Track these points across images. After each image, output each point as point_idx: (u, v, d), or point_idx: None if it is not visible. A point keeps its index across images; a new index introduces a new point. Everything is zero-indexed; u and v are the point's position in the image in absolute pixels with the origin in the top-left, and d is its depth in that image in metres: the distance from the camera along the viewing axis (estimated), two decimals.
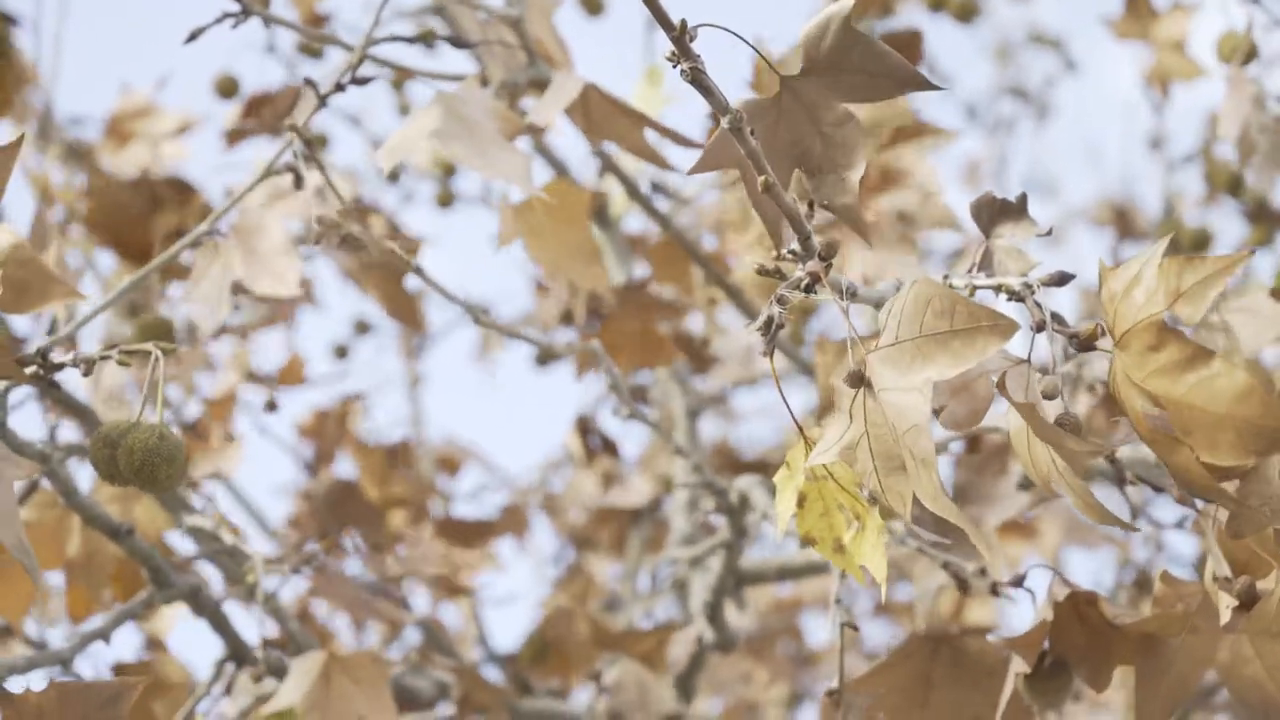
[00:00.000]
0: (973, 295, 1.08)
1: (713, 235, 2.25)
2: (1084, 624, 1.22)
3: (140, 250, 1.71)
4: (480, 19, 1.48)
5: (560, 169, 2.06)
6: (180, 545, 1.98)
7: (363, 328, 3.06)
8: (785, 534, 1.02)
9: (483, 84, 1.39)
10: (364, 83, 1.41)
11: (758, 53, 1.04)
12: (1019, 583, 1.38)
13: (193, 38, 1.41)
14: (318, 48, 1.57)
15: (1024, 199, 1.14)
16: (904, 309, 0.92)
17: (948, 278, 1.09)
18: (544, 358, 2.31)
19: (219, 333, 1.90)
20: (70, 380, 1.84)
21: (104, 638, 1.54)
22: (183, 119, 2.22)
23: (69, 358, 1.23)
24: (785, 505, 1.00)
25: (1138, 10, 2.24)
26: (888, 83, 1.02)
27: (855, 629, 1.34)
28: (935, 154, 1.59)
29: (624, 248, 2.34)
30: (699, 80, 0.97)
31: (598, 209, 2.26)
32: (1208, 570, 1.15)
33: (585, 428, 2.53)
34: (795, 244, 1.03)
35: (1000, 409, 1.02)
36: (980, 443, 1.82)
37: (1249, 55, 1.72)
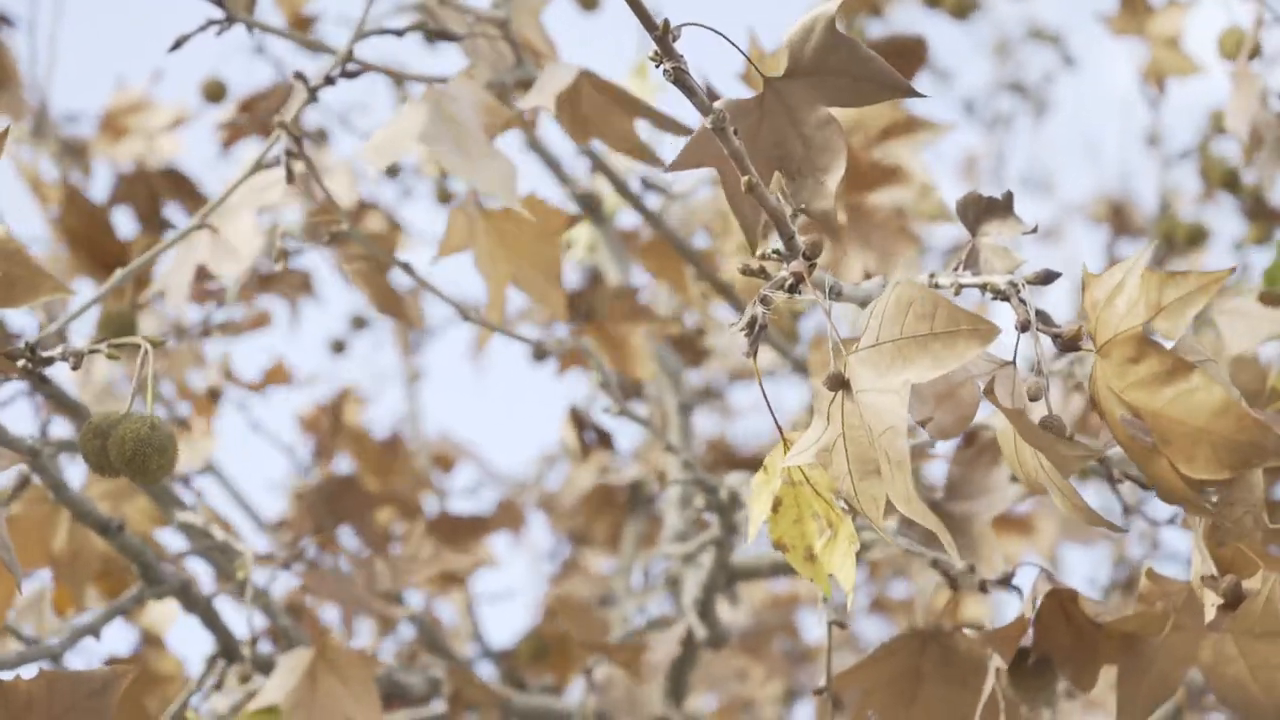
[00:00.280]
0: (958, 294, 1.07)
1: (706, 232, 2.25)
2: (1070, 622, 1.21)
3: (114, 259, 1.71)
4: (467, 21, 1.47)
5: (553, 165, 2.05)
6: (171, 541, 1.98)
7: (360, 323, 3.06)
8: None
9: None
10: (353, 76, 1.41)
11: (742, 54, 1.04)
12: (1007, 580, 1.38)
13: (177, 45, 1.41)
14: (312, 44, 1.57)
15: (1010, 197, 1.13)
16: (885, 310, 0.91)
17: (934, 276, 1.09)
18: (540, 353, 2.31)
19: (207, 330, 1.91)
20: (62, 376, 1.84)
21: (94, 633, 1.54)
22: (177, 113, 2.22)
23: (58, 352, 1.23)
24: (759, 509, 0.99)
25: (1133, 6, 2.23)
26: (872, 87, 1.02)
27: (844, 627, 1.33)
28: (932, 149, 1.58)
29: (619, 245, 2.34)
30: (681, 80, 0.97)
31: (592, 205, 2.25)
32: (1194, 568, 1.15)
33: (580, 421, 2.52)
34: (779, 243, 1.02)
35: (990, 407, 1.01)
36: (976, 437, 1.82)
37: (1254, 51, 1.71)
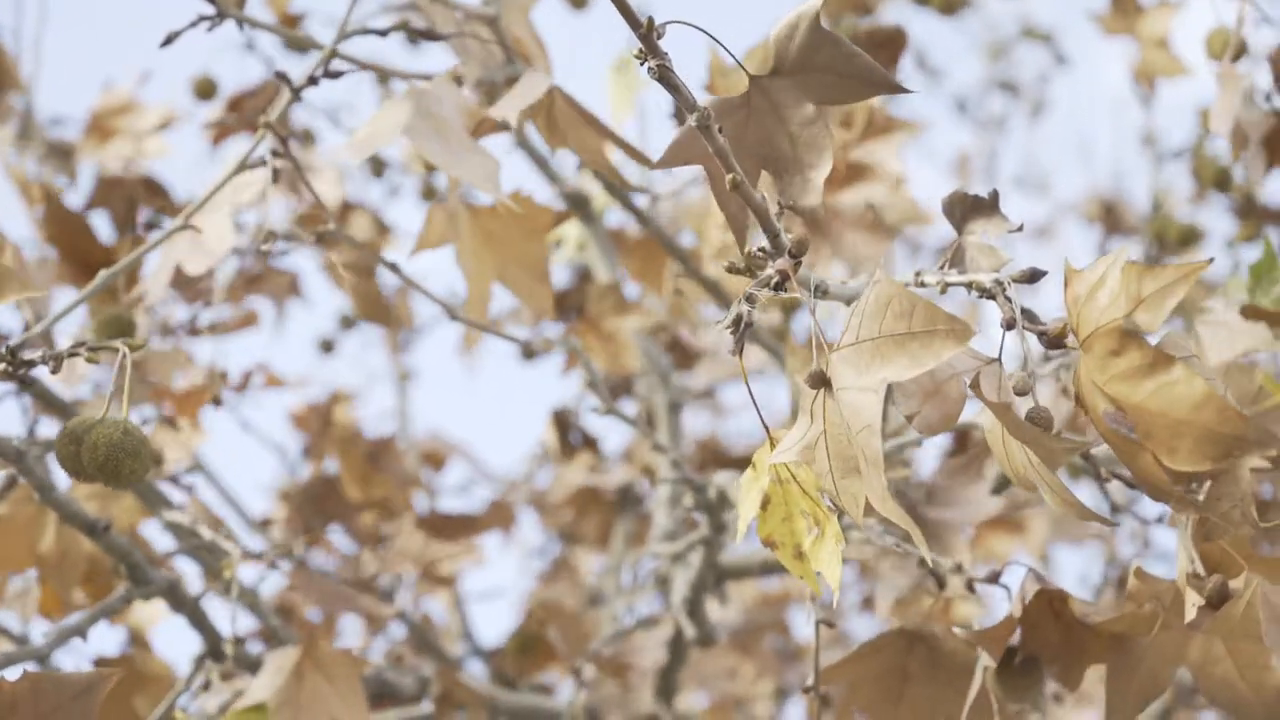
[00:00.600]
0: (944, 292, 1.07)
1: (693, 233, 2.24)
2: (1057, 621, 1.21)
3: (96, 263, 1.71)
4: (456, 18, 1.47)
5: (541, 163, 2.05)
6: (159, 540, 1.97)
7: (349, 322, 3.04)
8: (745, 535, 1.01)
9: (458, 82, 1.38)
10: (337, 76, 1.41)
11: (728, 52, 1.04)
12: (995, 579, 1.37)
13: (168, 41, 1.41)
14: (302, 41, 1.57)
15: (996, 195, 1.13)
16: (865, 308, 0.91)
17: (920, 274, 1.08)
18: (528, 352, 2.31)
19: (194, 330, 1.90)
20: (52, 376, 1.83)
21: (81, 634, 1.53)
22: (165, 114, 2.21)
23: (38, 355, 1.23)
24: (748, 507, 0.99)
25: (1124, 6, 2.23)
26: (857, 84, 1.02)
27: (831, 626, 1.33)
28: (925, 148, 1.57)
29: (608, 243, 2.34)
30: (666, 78, 0.97)
31: (581, 203, 2.25)
32: (1180, 567, 1.15)
33: (564, 423, 2.52)
34: (765, 241, 1.02)
35: (979, 404, 1.01)
36: (968, 439, 1.81)
37: (1239, 51, 1.71)
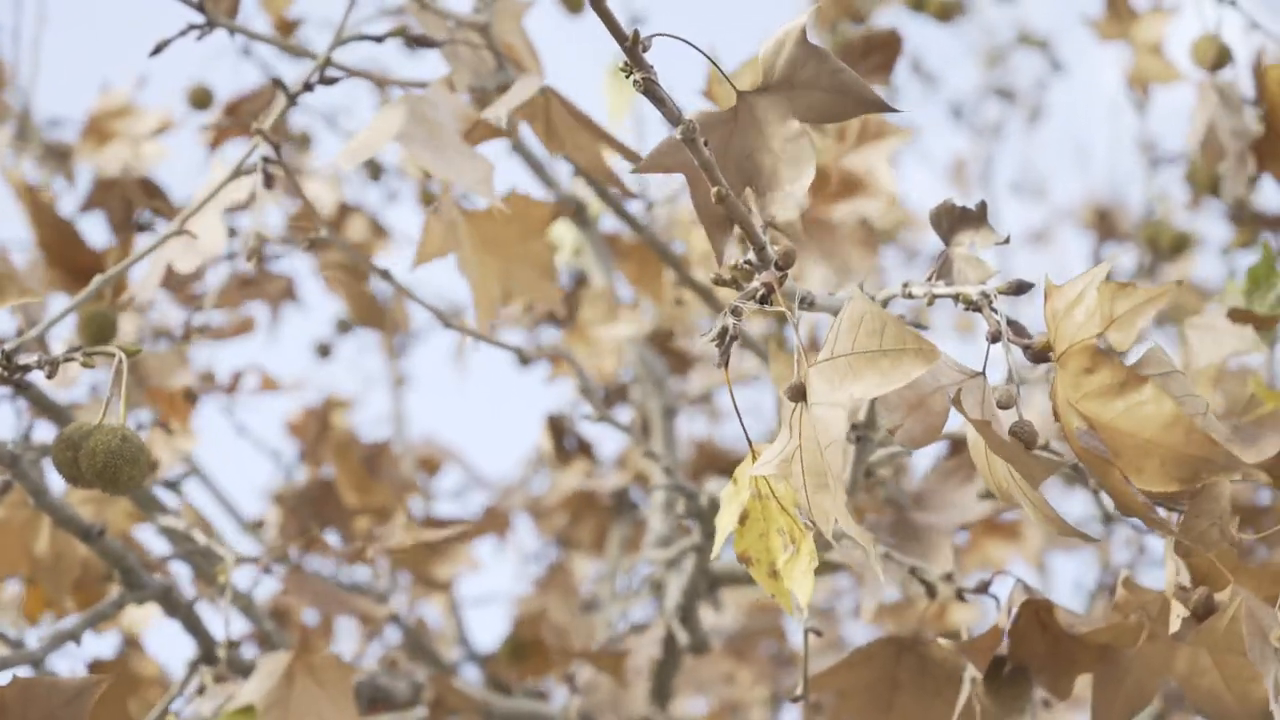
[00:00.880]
0: (931, 304, 1.08)
1: (681, 241, 2.24)
2: (1044, 632, 1.22)
3: (89, 268, 1.71)
4: (448, 25, 1.47)
5: (537, 168, 2.05)
6: (153, 544, 1.98)
7: (345, 326, 3.04)
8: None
9: (450, 89, 1.38)
10: (332, 83, 1.41)
11: (714, 64, 1.04)
12: (984, 589, 1.38)
13: (158, 50, 1.41)
14: (295, 49, 1.58)
15: (984, 206, 1.13)
16: (840, 325, 0.92)
17: (907, 286, 1.09)
18: (523, 359, 2.31)
19: (189, 334, 1.91)
20: (46, 380, 1.83)
21: (75, 638, 1.54)
22: (162, 118, 2.22)
23: (34, 359, 1.23)
24: (726, 522, 0.99)
25: (1119, 12, 2.23)
26: (844, 100, 1.02)
27: (820, 634, 1.34)
28: (920, 154, 1.58)
29: (603, 248, 2.34)
30: (651, 91, 0.97)
31: (576, 209, 2.25)
32: (1167, 578, 1.15)
33: (559, 428, 2.52)
34: (751, 254, 1.02)
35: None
36: (964, 443, 1.81)
37: (1219, 59, 1.72)
